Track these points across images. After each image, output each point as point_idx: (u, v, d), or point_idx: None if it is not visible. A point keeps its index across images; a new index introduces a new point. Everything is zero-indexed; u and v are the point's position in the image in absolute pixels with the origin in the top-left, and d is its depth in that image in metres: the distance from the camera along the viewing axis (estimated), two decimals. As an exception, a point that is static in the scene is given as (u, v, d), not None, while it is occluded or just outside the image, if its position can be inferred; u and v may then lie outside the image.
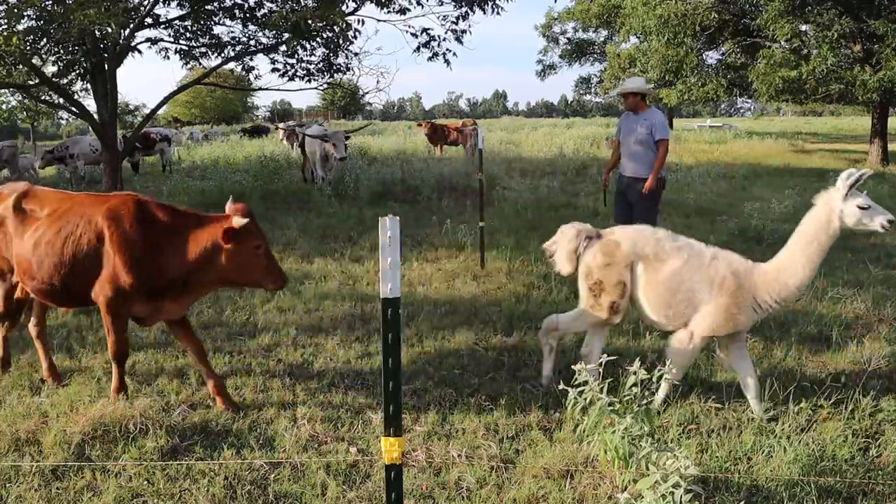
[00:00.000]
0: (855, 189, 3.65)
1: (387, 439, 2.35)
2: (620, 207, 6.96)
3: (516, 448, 3.61)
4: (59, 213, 3.94)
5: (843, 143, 27.58)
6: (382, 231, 2.29)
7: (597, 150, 20.13)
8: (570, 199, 11.74)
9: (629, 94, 6.66)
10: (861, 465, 3.38)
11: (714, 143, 24.95)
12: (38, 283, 3.94)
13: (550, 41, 37.67)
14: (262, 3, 10.57)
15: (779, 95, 18.57)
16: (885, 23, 15.86)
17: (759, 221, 8.59)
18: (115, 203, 3.90)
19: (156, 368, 4.67)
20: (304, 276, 6.99)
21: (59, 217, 3.92)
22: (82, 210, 3.91)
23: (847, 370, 4.56)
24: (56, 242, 3.84)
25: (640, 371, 3.12)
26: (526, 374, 4.52)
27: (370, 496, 3.18)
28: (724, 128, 38.49)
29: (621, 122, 6.93)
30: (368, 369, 4.64)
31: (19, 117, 25.62)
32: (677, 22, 18.39)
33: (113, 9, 7.67)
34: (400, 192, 12.03)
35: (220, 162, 18.10)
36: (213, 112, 47.93)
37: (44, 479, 3.28)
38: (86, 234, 3.82)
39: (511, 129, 35.00)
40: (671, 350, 3.95)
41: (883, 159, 18.98)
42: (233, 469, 3.35)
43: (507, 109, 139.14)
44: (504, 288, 6.50)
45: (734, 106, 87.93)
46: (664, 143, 6.51)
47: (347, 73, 12.00)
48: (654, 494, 2.62)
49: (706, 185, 13.75)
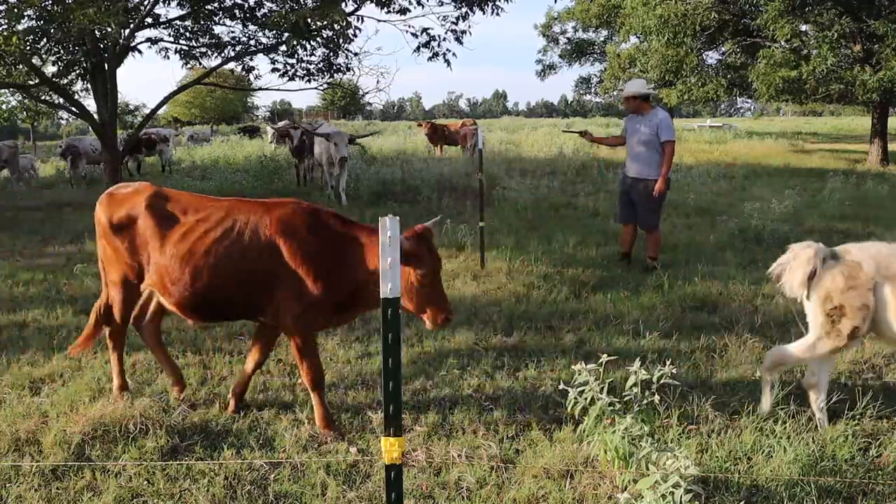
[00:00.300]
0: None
1: (387, 439, 2.35)
2: (624, 207, 6.98)
3: (516, 448, 3.61)
4: (215, 220, 3.61)
5: (843, 143, 27.56)
6: (382, 231, 2.29)
7: (597, 151, 20.12)
8: (570, 199, 11.74)
9: (630, 97, 6.69)
10: (861, 465, 3.38)
11: (714, 143, 24.95)
12: (185, 295, 3.60)
13: (550, 41, 37.62)
14: (262, 3, 10.57)
15: (779, 95, 18.57)
16: (885, 23, 15.86)
17: (759, 221, 8.59)
18: (285, 212, 3.61)
19: (156, 368, 4.67)
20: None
21: (216, 224, 3.59)
22: (244, 217, 3.59)
23: (847, 370, 4.56)
24: (216, 252, 3.53)
25: (640, 371, 3.12)
26: (526, 374, 4.52)
27: (370, 496, 3.18)
28: (724, 128, 38.49)
29: (626, 122, 6.96)
30: (368, 369, 4.64)
31: (19, 117, 25.61)
32: (677, 22, 18.39)
33: (113, 9, 7.67)
34: (400, 192, 12.03)
35: (220, 162, 18.12)
36: (213, 112, 47.92)
37: (44, 479, 3.28)
38: (253, 245, 3.52)
39: (511, 129, 35.00)
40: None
41: (883, 159, 18.98)
42: (233, 469, 3.35)
43: (507, 109, 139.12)
44: (504, 288, 6.50)
45: (734, 106, 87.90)
46: (670, 144, 6.53)
47: (347, 73, 12.02)
48: (654, 494, 2.62)
49: (706, 185, 13.75)
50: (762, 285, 6.32)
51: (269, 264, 3.52)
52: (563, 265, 7.17)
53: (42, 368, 4.64)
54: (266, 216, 3.59)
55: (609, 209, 10.15)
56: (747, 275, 6.68)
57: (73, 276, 7.06)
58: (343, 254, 3.55)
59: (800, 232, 8.86)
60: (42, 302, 6.18)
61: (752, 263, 7.32)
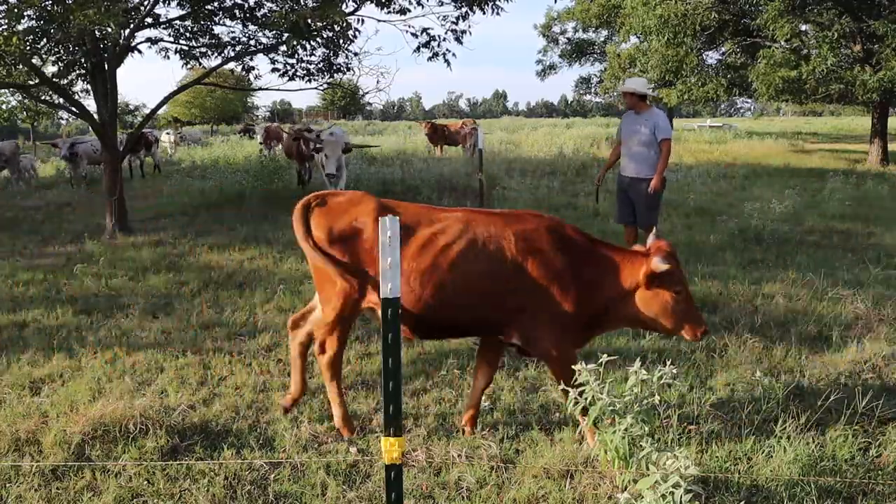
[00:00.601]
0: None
1: (387, 439, 2.35)
2: (623, 207, 6.98)
3: (516, 448, 3.61)
4: (455, 233, 3.42)
5: (843, 143, 27.57)
6: (382, 231, 2.29)
7: (597, 151, 20.13)
8: (570, 199, 11.75)
9: (628, 93, 6.72)
10: (861, 465, 3.38)
11: (714, 143, 24.96)
12: (419, 311, 3.41)
13: (550, 41, 37.63)
14: (262, 3, 10.55)
15: (779, 95, 18.58)
16: (885, 23, 15.87)
17: (759, 221, 8.59)
18: (528, 228, 3.46)
19: (156, 368, 4.67)
20: (304, 276, 6.99)
21: (457, 237, 3.40)
22: (484, 230, 3.43)
23: (847, 370, 4.56)
24: (460, 267, 3.35)
25: (640, 371, 3.12)
26: (526, 374, 4.52)
27: (370, 496, 3.18)
28: (724, 128, 38.51)
29: (623, 122, 6.96)
30: (368, 369, 4.65)
31: (19, 117, 25.60)
32: (677, 22, 18.39)
33: (113, 9, 7.66)
34: (400, 192, 12.03)
35: (220, 162, 18.12)
36: (213, 112, 47.90)
37: (44, 479, 3.28)
38: (496, 260, 3.36)
39: (511, 129, 35.02)
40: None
41: (883, 159, 18.99)
42: (233, 469, 3.35)
43: (507, 109, 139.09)
44: (504, 288, 6.49)
45: (734, 106, 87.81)
46: (667, 142, 6.58)
47: (347, 73, 11.97)
48: (654, 494, 2.62)
49: (706, 185, 13.76)
50: (762, 285, 6.32)
51: (514, 282, 3.36)
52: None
53: (42, 368, 4.64)
54: (507, 230, 3.43)
55: (609, 209, 10.14)
56: (747, 275, 6.68)
57: (73, 276, 7.06)
58: (593, 271, 3.43)
59: (800, 232, 8.87)
60: (42, 302, 6.18)
61: (751, 263, 7.32)
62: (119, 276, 7.05)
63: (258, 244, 8.49)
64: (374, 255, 3.29)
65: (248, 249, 8.20)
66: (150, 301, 6.22)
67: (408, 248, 3.36)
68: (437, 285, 3.35)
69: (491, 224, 3.46)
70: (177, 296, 6.39)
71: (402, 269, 3.20)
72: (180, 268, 7.44)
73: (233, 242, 8.51)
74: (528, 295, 3.38)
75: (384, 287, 2.31)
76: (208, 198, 12.02)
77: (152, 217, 10.75)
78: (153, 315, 5.86)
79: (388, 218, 2.34)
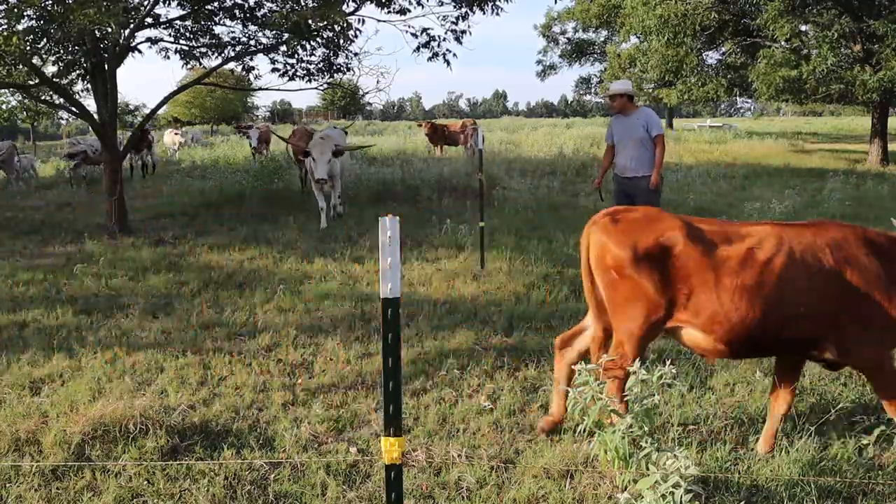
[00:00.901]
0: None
1: (387, 439, 2.35)
2: (623, 205, 6.99)
3: (516, 448, 3.61)
4: (771, 248, 3.30)
5: (843, 143, 27.56)
6: (382, 231, 2.29)
7: (597, 151, 20.11)
8: (570, 199, 11.74)
9: (616, 95, 6.74)
10: (861, 465, 3.38)
11: (714, 143, 24.94)
12: (739, 330, 3.27)
13: (550, 41, 37.68)
14: (262, 3, 10.54)
15: (779, 95, 18.58)
16: (885, 23, 15.87)
17: (760, 221, 8.58)
18: (836, 236, 3.34)
19: (156, 368, 4.67)
20: (304, 276, 7.00)
21: (774, 251, 3.28)
22: (796, 243, 3.30)
23: (847, 370, 4.55)
24: (786, 283, 3.24)
25: (640, 371, 3.12)
26: (526, 374, 4.52)
27: (370, 496, 3.18)
28: (724, 128, 38.48)
29: (613, 124, 6.97)
30: (368, 369, 4.64)
31: (19, 117, 25.64)
32: (677, 22, 18.39)
33: (113, 9, 7.66)
34: (400, 192, 12.04)
35: (220, 162, 18.11)
36: (213, 112, 47.86)
37: (44, 479, 3.28)
38: (816, 272, 3.25)
39: (511, 129, 34.99)
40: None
41: (883, 159, 18.98)
42: (233, 469, 3.35)
43: (507, 109, 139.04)
44: (504, 288, 6.50)
45: (734, 106, 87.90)
46: (661, 137, 6.67)
47: (347, 73, 11.97)
48: (654, 494, 2.62)
49: (706, 185, 13.76)
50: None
51: (835, 292, 3.26)
52: (563, 265, 7.18)
53: (42, 368, 4.64)
54: (817, 239, 3.32)
55: (607, 206, 10.15)
56: (747, 275, 6.67)
57: (73, 276, 7.06)
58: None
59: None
60: (42, 302, 6.18)
61: (752, 263, 7.30)
62: (119, 276, 7.05)
63: (258, 244, 8.49)
64: (688, 273, 3.30)
65: (248, 249, 8.21)
66: (150, 301, 6.22)
67: (725, 264, 3.29)
68: (764, 301, 3.25)
69: (799, 235, 3.35)
70: (177, 296, 6.39)
71: (723, 285, 3.24)
72: (180, 268, 7.44)
73: (233, 242, 8.52)
74: (851, 305, 3.27)
75: (384, 287, 2.31)
76: (208, 198, 12.01)
77: (152, 217, 10.75)
78: (153, 315, 5.86)
79: (388, 218, 2.34)
